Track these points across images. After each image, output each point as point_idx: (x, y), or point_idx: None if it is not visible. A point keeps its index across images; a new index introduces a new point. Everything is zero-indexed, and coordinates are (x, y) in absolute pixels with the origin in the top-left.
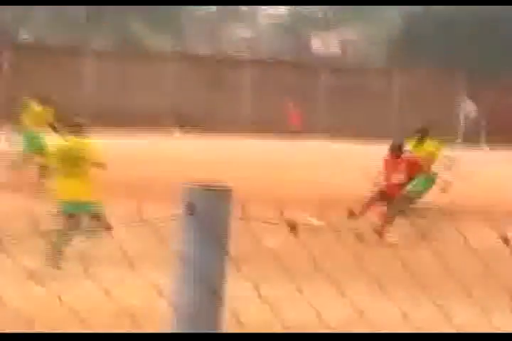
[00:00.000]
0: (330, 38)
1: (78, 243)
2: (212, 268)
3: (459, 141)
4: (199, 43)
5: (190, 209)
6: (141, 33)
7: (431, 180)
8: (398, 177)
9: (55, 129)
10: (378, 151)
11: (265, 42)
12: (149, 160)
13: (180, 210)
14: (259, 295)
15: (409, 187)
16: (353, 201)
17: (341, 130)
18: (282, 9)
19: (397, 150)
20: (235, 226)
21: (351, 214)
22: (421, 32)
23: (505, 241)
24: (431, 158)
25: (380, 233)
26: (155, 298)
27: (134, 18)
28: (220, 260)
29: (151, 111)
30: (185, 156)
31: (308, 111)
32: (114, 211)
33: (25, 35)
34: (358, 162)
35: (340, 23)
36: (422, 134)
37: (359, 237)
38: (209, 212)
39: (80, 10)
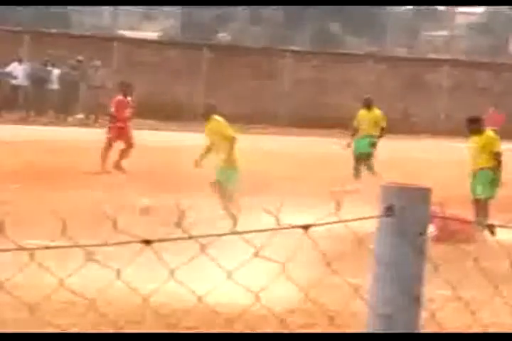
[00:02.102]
0: None
1: None
2: (410, 269)
3: None
4: (396, 44)
5: (389, 211)
6: (339, 33)
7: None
8: None
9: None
10: None
11: (462, 42)
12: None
13: (378, 211)
14: (457, 296)
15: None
16: None
17: None
18: (479, 9)
19: None
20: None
21: None
22: None
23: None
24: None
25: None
26: (351, 298)
27: (332, 18)
28: (418, 261)
29: (346, 112)
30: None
31: (504, 112)
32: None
33: (223, 35)
34: None
35: None
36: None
37: None
38: (407, 212)
39: (278, 10)
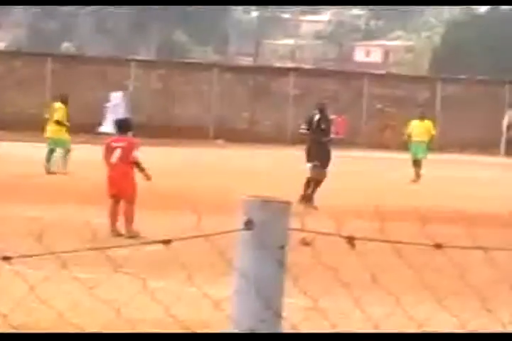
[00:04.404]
0: (372, 47)
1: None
2: (270, 282)
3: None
4: (241, 53)
5: (249, 225)
6: (183, 42)
7: None
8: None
9: None
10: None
11: (307, 51)
12: (195, 169)
13: (237, 224)
14: (317, 308)
15: None
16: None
17: (381, 140)
18: (325, 18)
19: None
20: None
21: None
22: (465, 40)
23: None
24: None
25: None
26: (212, 311)
27: (177, 27)
28: (278, 274)
29: (193, 121)
30: (229, 166)
31: (351, 120)
32: (168, 222)
33: (67, 45)
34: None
35: (383, 31)
36: None
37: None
38: (267, 226)
39: (123, 19)
